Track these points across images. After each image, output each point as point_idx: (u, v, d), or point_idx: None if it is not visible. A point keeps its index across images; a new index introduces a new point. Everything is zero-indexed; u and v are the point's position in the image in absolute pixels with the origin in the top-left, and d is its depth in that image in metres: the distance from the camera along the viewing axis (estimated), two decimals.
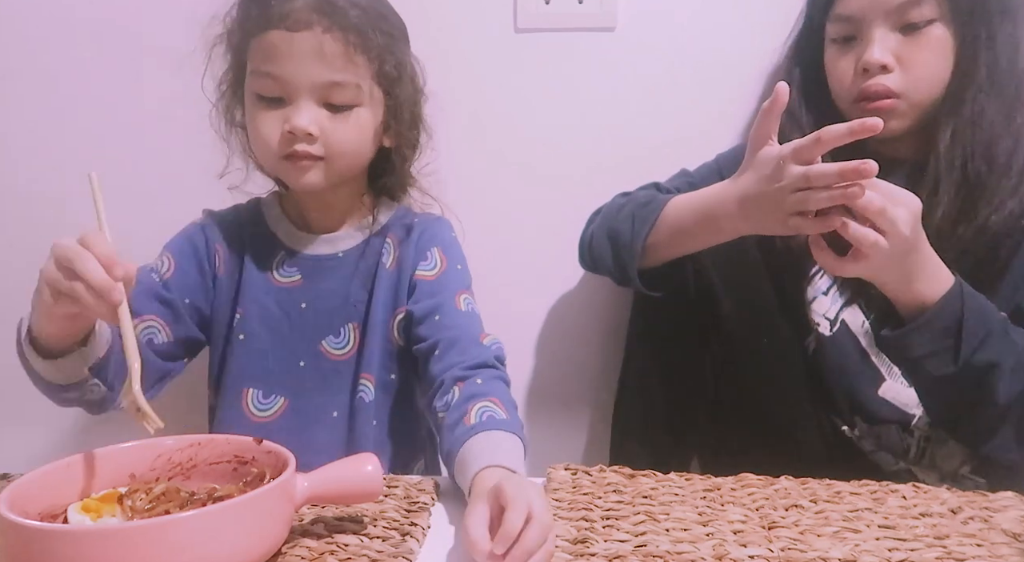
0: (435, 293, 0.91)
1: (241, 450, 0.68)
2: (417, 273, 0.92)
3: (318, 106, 0.84)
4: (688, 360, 1.00)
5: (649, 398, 1.02)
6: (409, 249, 0.93)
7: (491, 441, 0.73)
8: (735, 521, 0.68)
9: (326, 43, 0.81)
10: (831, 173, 0.72)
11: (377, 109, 0.88)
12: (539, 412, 1.21)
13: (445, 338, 0.86)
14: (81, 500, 0.63)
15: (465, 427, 0.75)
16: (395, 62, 0.87)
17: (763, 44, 1.08)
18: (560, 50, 1.14)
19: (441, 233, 0.96)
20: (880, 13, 0.88)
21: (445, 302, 0.90)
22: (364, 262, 0.93)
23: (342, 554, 0.62)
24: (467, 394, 0.79)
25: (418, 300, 0.91)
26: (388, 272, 0.93)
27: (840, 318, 0.95)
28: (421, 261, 0.93)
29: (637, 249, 0.90)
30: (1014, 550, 0.64)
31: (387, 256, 0.93)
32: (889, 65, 0.88)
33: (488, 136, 1.16)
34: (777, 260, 0.96)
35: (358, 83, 0.84)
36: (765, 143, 0.79)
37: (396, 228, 0.95)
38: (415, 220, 0.96)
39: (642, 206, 0.92)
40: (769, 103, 0.78)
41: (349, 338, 0.93)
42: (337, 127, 0.84)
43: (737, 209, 0.82)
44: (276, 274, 0.93)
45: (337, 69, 0.82)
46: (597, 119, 1.15)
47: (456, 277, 0.93)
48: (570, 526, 0.67)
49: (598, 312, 1.18)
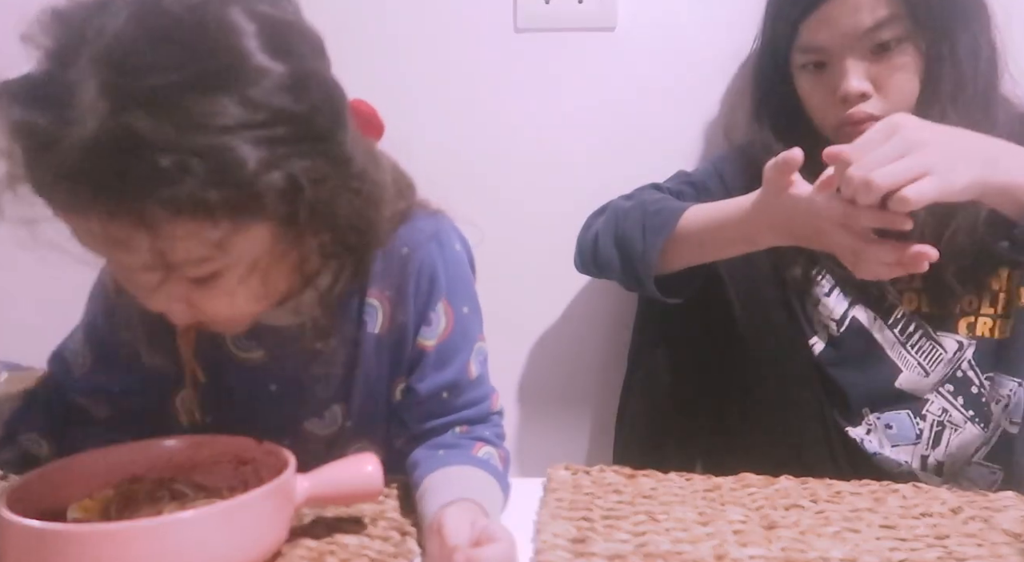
0: (444, 364, 0.74)
1: (241, 450, 0.68)
2: (419, 341, 0.74)
3: (170, 280, 0.57)
4: (695, 363, 1.00)
5: (655, 402, 1.01)
6: (406, 308, 0.73)
7: (487, 485, 0.69)
8: (735, 521, 0.68)
9: (111, 231, 0.53)
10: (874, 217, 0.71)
11: (263, 252, 0.59)
12: (539, 412, 1.21)
13: (454, 419, 0.75)
14: (81, 500, 0.62)
15: (470, 454, 0.71)
16: (289, 192, 0.55)
17: None
18: (560, 50, 1.14)
19: (443, 268, 0.74)
20: (850, 40, 0.87)
21: (457, 378, 0.74)
22: (340, 327, 0.72)
23: (342, 554, 0.62)
24: (474, 435, 0.74)
25: (423, 376, 0.74)
26: (377, 339, 0.74)
27: (849, 315, 0.95)
28: (423, 325, 0.74)
29: (652, 259, 0.88)
30: (1014, 550, 0.64)
31: (373, 320, 0.73)
32: (867, 92, 0.88)
33: (488, 136, 1.16)
34: (782, 260, 0.96)
35: (198, 257, 0.55)
36: (785, 190, 0.77)
37: (380, 274, 0.73)
38: (405, 253, 0.72)
39: (653, 214, 0.91)
40: (782, 163, 0.76)
41: (336, 420, 0.77)
42: (206, 300, 0.59)
43: (766, 225, 0.81)
44: (233, 347, 0.73)
45: (146, 258, 0.54)
46: (597, 119, 1.15)
47: (466, 331, 0.76)
48: (570, 526, 0.67)
49: (599, 311, 1.18)
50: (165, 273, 0.56)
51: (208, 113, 0.50)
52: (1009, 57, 0.90)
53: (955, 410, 0.93)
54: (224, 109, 0.51)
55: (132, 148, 0.49)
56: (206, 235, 0.54)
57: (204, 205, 0.51)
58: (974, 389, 0.92)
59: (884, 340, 0.95)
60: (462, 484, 0.67)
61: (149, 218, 0.51)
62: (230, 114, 0.51)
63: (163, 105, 0.50)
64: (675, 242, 0.88)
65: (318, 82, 0.57)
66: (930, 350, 0.93)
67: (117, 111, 0.49)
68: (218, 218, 0.53)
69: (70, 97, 0.49)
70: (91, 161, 0.49)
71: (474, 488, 0.66)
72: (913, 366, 0.93)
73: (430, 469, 0.69)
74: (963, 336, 0.92)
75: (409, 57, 1.14)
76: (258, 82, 0.52)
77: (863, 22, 0.86)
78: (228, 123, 0.51)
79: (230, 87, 0.51)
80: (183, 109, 0.50)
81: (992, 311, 0.92)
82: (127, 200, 0.51)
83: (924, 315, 0.94)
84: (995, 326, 0.92)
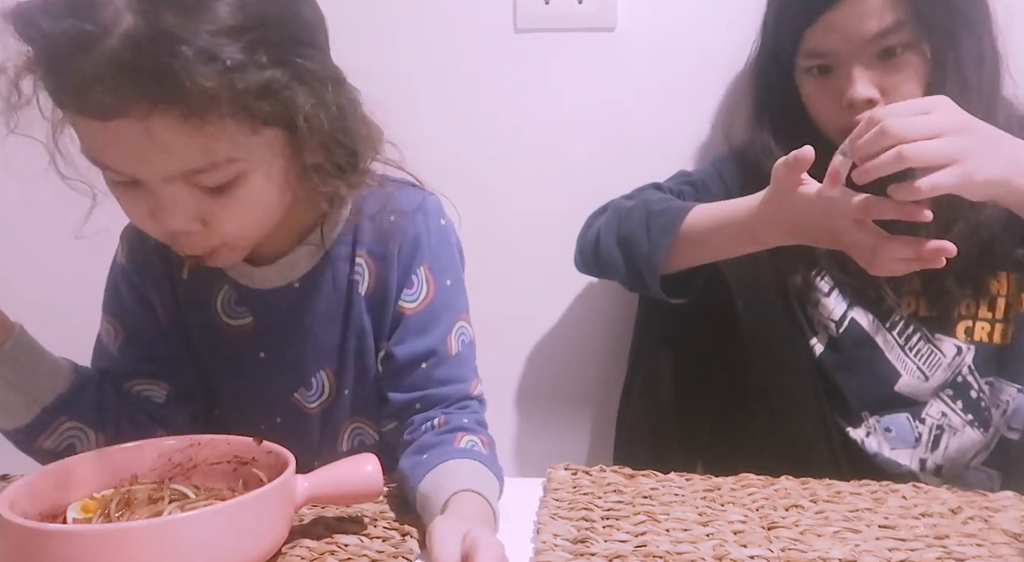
0: (423, 331, 0.75)
1: (241, 450, 0.68)
2: (400, 304, 0.75)
3: (189, 192, 0.61)
4: (697, 364, 0.99)
5: (656, 402, 1.01)
6: (390, 269, 0.75)
7: (477, 472, 0.68)
8: (735, 521, 0.68)
9: (154, 131, 0.56)
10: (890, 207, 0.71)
11: (274, 158, 0.64)
12: (539, 412, 1.21)
13: (432, 395, 0.74)
14: (81, 500, 0.63)
15: (453, 447, 0.70)
16: (287, 92, 0.60)
17: None
18: (560, 50, 1.14)
19: (427, 235, 0.76)
20: (856, 46, 0.87)
21: (436, 347, 0.75)
22: (329, 290, 0.75)
23: (342, 554, 0.62)
24: (452, 426, 0.73)
25: (401, 340, 0.75)
26: (365, 300, 0.76)
27: (848, 317, 0.95)
28: (405, 288, 0.75)
29: (657, 261, 0.88)
30: (1014, 550, 0.64)
31: (362, 280, 0.75)
32: (874, 98, 0.87)
33: (488, 136, 1.16)
34: (782, 259, 0.96)
35: (227, 157, 0.60)
36: (795, 189, 0.77)
37: (368, 237, 0.75)
38: (392, 220, 0.75)
39: (658, 213, 0.90)
40: (793, 161, 0.75)
41: (323, 388, 0.78)
42: (221, 211, 0.63)
43: (775, 224, 0.81)
44: (223, 315, 0.76)
45: (184, 156, 0.58)
46: (597, 119, 1.15)
47: (448, 303, 0.77)
48: (570, 526, 0.67)
49: (600, 312, 1.18)
50: (190, 178, 0.60)
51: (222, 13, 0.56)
52: (1010, 59, 0.90)
53: (954, 414, 0.93)
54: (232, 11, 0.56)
55: (168, 45, 0.54)
56: (234, 130, 0.58)
57: (233, 93, 0.56)
58: (973, 393, 0.92)
59: (884, 343, 0.95)
60: (453, 479, 0.66)
61: (185, 111, 0.56)
62: (236, 16, 0.56)
63: (185, 6, 0.55)
64: (680, 242, 0.88)
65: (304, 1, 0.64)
66: (929, 354, 0.93)
67: (146, 11, 0.54)
68: (243, 112, 0.58)
69: (101, 2, 0.54)
70: (132, 59, 0.53)
71: (465, 479, 0.66)
72: (913, 370, 0.93)
73: (419, 477, 0.68)
74: (961, 341, 0.92)
75: (409, 57, 1.14)
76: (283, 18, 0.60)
77: (870, 28, 0.85)
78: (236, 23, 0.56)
79: None
80: (201, 10, 0.55)
81: (990, 315, 0.92)
82: (168, 94, 0.55)
83: (922, 318, 0.94)
84: (994, 331, 0.92)
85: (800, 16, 0.90)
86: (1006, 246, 0.88)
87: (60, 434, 0.72)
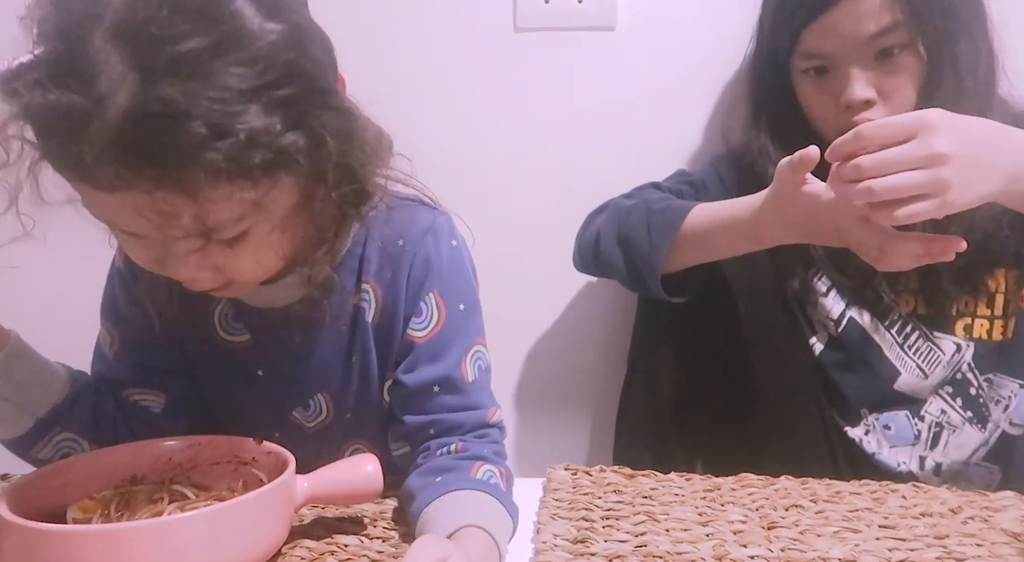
0: (435, 358, 0.72)
1: (241, 450, 0.68)
2: (408, 333, 0.72)
3: (198, 246, 0.58)
4: (697, 364, 0.99)
5: (656, 403, 1.01)
6: (398, 297, 0.72)
7: (491, 508, 0.64)
8: (735, 521, 0.68)
9: (161, 201, 0.53)
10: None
11: (285, 205, 0.60)
12: (539, 412, 1.21)
13: (446, 419, 0.71)
14: (81, 500, 0.63)
15: (469, 476, 0.66)
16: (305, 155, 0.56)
17: None
18: (560, 50, 1.14)
19: (438, 259, 0.73)
20: (853, 47, 0.87)
21: (449, 373, 0.71)
22: (333, 314, 0.72)
23: (342, 554, 0.62)
24: (470, 453, 0.69)
25: (412, 367, 0.72)
26: (372, 328, 0.73)
27: (847, 316, 0.95)
28: (414, 316, 0.72)
29: (657, 260, 0.88)
30: (1014, 550, 0.64)
31: (368, 307, 0.72)
32: (872, 100, 0.87)
33: (488, 136, 1.16)
34: (781, 258, 0.96)
35: (239, 216, 0.57)
36: (799, 188, 0.77)
37: (376, 262, 0.72)
38: (400, 245, 0.72)
39: (658, 213, 0.90)
40: (798, 161, 0.74)
41: (321, 410, 0.76)
42: (231, 261, 0.60)
43: (778, 223, 0.81)
44: (220, 330, 0.74)
45: (193, 221, 0.55)
46: (597, 119, 1.15)
47: (461, 329, 0.73)
48: (570, 526, 0.67)
49: (599, 311, 1.18)
50: (202, 238, 0.57)
51: (229, 77, 0.51)
52: (1005, 57, 0.90)
53: (953, 411, 0.93)
54: (241, 73, 0.51)
55: (169, 117, 0.49)
56: (245, 195, 0.55)
57: (243, 166, 0.52)
58: (972, 390, 0.92)
59: (882, 341, 0.95)
60: (463, 511, 0.62)
61: (192, 185, 0.52)
62: (246, 77, 0.51)
63: (189, 73, 0.50)
64: (680, 241, 0.88)
65: (313, 36, 0.58)
66: (928, 352, 0.93)
67: (147, 82, 0.49)
68: (256, 178, 0.54)
69: (95, 73, 0.49)
70: (133, 133, 0.49)
71: (476, 513, 0.62)
72: (912, 369, 0.93)
73: (428, 499, 0.64)
74: (960, 338, 0.92)
75: (409, 57, 1.14)
76: (261, 43, 0.53)
77: (867, 29, 0.85)
78: (245, 86, 0.51)
79: (239, 50, 0.51)
80: (207, 75, 0.50)
81: (989, 312, 0.92)
82: (172, 168, 0.51)
83: (921, 317, 0.94)
84: (992, 327, 0.92)
85: (797, 17, 0.90)
86: (1003, 242, 0.88)
87: (55, 445, 0.70)
